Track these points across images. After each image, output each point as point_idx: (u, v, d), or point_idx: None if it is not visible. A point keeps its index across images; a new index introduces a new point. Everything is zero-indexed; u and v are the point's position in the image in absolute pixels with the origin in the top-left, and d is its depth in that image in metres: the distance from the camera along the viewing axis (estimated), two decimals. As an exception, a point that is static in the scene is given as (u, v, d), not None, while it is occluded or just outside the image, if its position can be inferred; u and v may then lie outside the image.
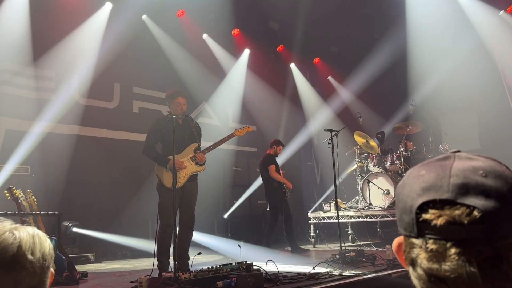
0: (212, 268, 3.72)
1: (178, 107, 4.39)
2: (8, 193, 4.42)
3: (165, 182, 4.28)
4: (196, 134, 4.49)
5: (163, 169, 4.28)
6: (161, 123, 4.44)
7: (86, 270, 4.99)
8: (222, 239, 8.37)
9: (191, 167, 4.38)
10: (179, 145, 4.31)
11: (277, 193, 6.99)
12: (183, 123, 4.47)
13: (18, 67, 6.91)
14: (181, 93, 4.45)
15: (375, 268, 4.67)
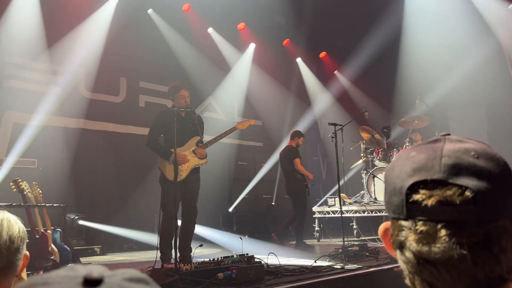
0: (214, 260, 3.75)
1: (181, 100, 4.40)
2: (14, 185, 4.48)
3: (167, 175, 4.30)
4: (198, 127, 4.51)
5: (166, 162, 4.30)
6: (164, 116, 4.45)
7: (91, 262, 5.05)
8: (227, 234, 8.41)
9: (193, 160, 4.39)
10: (182, 138, 4.32)
11: (300, 186, 7.01)
12: (186, 116, 4.48)
13: (25, 61, 6.97)
14: (184, 85, 4.46)
15: (377, 262, 4.67)
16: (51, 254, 4.40)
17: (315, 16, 9.88)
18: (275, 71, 10.64)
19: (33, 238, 4.44)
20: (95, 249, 6.77)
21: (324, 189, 11.15)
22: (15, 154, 6.52)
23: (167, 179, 4.31)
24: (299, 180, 7.06)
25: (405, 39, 10.03)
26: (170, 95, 4.53)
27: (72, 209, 6.72)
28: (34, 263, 4.38)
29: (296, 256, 5.36)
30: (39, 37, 7.04)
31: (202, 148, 4.43)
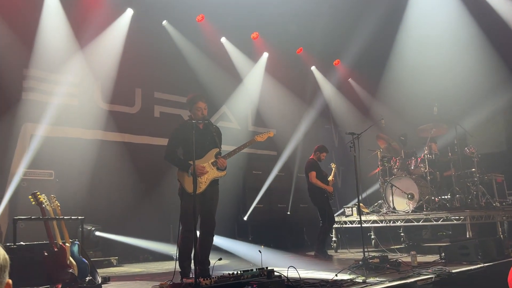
0: (233, 274, 3.68)
1: (198, 112, 4.37)
2: (33, 198, 4.49)
3: (186, 187, 4.26)
4: (217, 138, 4.47)
5: (185, 174, 4.27)
6: (182, 128, 4.42)
7: (108, 274, 5.03)
8: (243, 243, 8.35)
9: (212, 173, 4.36)
10: (200, 150, 4.28)
11: (322, 198, 7.01)
12: (204, 127, 4.46)
13: (42, 74, 7.06)
14: (202, 97, 4.42)
15: (400, 275, 4.54)
16: (69, 267, 4.38)
17: (328, 24, 9.83)
18: (288, 80, 10.62)
19: (51, 251, 4.43)
20: (111, 260, 6.75)
21: (340, 198, 11.03)
22: (33, 166, 6.58)
23: (186, 192, 4.27)
24: (318, 193, 7.05)
25: (421, 45, 9.91)
26: (187, 107, 4.50)
27: (88, 220, 6.73)
28: (52, 276, 4.37)
29: (316, 268, 5.26)
30: (56, 50, 7.13)
31: (222, 160, 4.38)
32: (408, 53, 10.04)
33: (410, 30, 9.74)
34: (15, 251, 4.49)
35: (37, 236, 5.42)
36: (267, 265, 4.00)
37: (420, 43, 9.88)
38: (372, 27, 9.96)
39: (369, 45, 10.46)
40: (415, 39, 9.83)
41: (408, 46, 9.98)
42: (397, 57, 10.24)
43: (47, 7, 7.13)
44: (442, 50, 9.82)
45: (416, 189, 7.31)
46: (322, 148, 7.27)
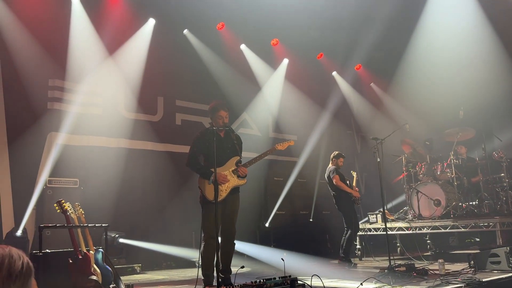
0: (256, 282, 3.63)
1: (220, 120, 4.38)
2: (58, 206, 4.56)
3: (207, 194, 4.26)
4: (237, 146, 4.47)
5: (206, 181, 4.27)
6: (203, 135, 4.43)
7: (132, 282, 5.05)
8: (265, 248, 8.31)
9: (233, 181, 4.35)
10: (221, 158, 4.28)
11: (348, 203, 6.97)
12: (225, 135, 4.47)
13: (67, 84, 7.22)
14: (223, 106, 4.43)
15: (427, 284, 4.41)
16: (93, 275, 4.42)
17: (349, 28, 9.74)
18: (309, 86, 10.56)
19: (76, 259, 4.48)
20: (135, 267, 6.80)
21: (363, 205, 10.83)
22: (58, 174, 6.71)
23: (207, 199, 4.27)
24: (344, 198, 6.98)
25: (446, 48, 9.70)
26: (209, 114, 4.52)
27: (112, 227, 6.80)
28: (76, 283, 4.42)
29: (340, 277, 5.16)
30: (81, 61, 7.30)
31: (243, 168, 4.37)
32: (432, 57, 9.84)
33: (433, 33, 9.56)
34: (41, 259, 4.56)
35: (62, 243, 5.52)
36: (290, 273, 3.93)
37: (444, 46, 9.68)
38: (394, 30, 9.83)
39: (391, 49, 10.33)
40: (439, 42, 9.63)
41: (432, 49, 9.78)
42: (421, 61, 10.03)
43: (73, 19, 7.32)
44: (468, 52, 9.59)
45: (443, 195, 7.12)
46: (338, 154, 7.33)
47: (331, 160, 7.33)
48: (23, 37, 6.73)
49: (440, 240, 8.43)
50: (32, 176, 6.67)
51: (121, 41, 7.84)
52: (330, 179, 7.08)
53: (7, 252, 1.04)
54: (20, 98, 6.68)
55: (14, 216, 6.37)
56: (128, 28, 7.96)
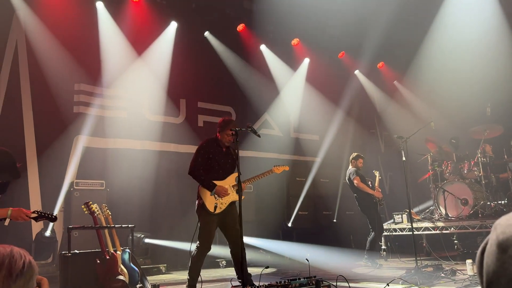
0: (281, 283, 3.64)
1: (228, 137, 4.45)
2: (85, 207, 4.67)
3: (207, 204, 4.34)
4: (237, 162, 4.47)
5: (207, 193, 4.36)
6: (207, 146, 4.52)
7: (157, 281, 5.11)
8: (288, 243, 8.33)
9: (233, 196, 4.46)
10: (222, 172, 4.44)
11: (371, 204, 6.90)
12: (226, 151, 4.57)
13: (92, 88, 7.38)
14: (235, 124, 4.47)
15: (455, 284, 4.32)
16: (120, 275, 4.50)
17: (370, 25, 9.63)
18: (331, 85, 10.48)
19: (103, 259, 4.58)
20: (160, 267, 6.89)
21: (388, 205, 10.67)
22: (85, 176, 6.87)
23: (207, 209, 4.33)
24: (367, 198, 6.91)
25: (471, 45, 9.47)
26: (218, 127, 4.58)
27: (138, 228, 6.91)
28: (104, 283, 4.51)
29: (366, 278, 5.10)
30: (105, 65, 7.46)
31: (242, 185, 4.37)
32: (457, 52, 9.62)
33: (456, 27, 9.34)
34: (70, 259, 4.67)
35: (89, 244, 5.64)
36: (314, 273, 3.92)
37: (469, 41, 9.45)
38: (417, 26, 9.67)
39: (415, 46, 10.15)
40: (463, 36, 9.41)
41: (457, 44, 9.56)
42: (445, 57, 9.82)
43: (97, 25, 7.49)
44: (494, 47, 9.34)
45: (470, 194, 6.96)
46: (357, 156, 7.26)
47: (351, 161, 7.27)
48: (49, 43, 6.92)
49: (468, 240, 8.23)
50: (60, 178, 6.84)
51: (145, 45, 7.98)
52: (351, 181, 7.02)
53: (9, 252, 1.06)
54: (47, 102, 6.86)
55: (43, 218, 6.53)
56: (152, 32, 8.10)
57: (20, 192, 6.44)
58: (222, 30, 8.99)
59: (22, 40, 6.82)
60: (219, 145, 4.46)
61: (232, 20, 9.12)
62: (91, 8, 7.46)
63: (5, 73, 6.61)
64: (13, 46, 6.75)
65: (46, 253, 6.09)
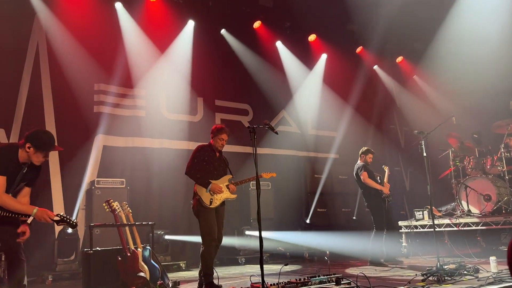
0: (300, 280, 3.63)
1: (220, 142, 4.86)
2: (107, 205, 4.74)
3: (204, 199, 4.62)
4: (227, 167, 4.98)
5: (203, 189, 4.68)
6: (203, 150, 4.88)
7: (177, 278, 5.16)
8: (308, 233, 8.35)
9: (226, 194, 4.81)
10: (217, 173, 4.83)
11: (378, 200, 6.72)
12: (219, 156, 4.96)
13: (112, 88, 7.49)
14: (226, 131, 4.89)
15: (479, 282, 4.24)
16: (141, 272, 4.55)
17: (389, 19, 9.49)
18: (349, 80, 10.37)
19: (124, 256, 4.64)
20: (180, 264, 6.95)
21: (408, 201, 10.54)
22: (105, 175, 6.98)
23: (204, 205, 4.61)
24: (373, 195, 6.72)
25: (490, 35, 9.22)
26: (212, 134, 4.92)
27: (158, 226, 6.99)
28: (125, 280, 4.57)
29: (387, 275, 5.04)
30: (124, 65, 7.56)
31: (234, 185, 4.86)
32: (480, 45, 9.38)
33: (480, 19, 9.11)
34: (92, 256, 4.75)
35: (110, 241, 5.73)
36: (334, 271, 3.89)
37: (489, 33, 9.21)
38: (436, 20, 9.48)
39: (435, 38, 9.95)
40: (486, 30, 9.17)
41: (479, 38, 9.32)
42: (468, 50, 9.57)
43: (118, 25, 7.59)
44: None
45: (493, 189, 6.81)
46: (366, 150, 7.01)
47: (360, 156, 7.02)
48: (69, 44, 7.04)
49: (491, 237, 8.06)
50: (81, 177, 6.96)
51: (163, 44, 8.05)
52: (358, 176, 6.83)
53: None
54: (68, 102, 6.99)
55: (65, 216, 6.66)
56: (169, 31, 8.17)
57: (43, 190, 6.59)
58: (238, 28, 9.00)
59: (43, 42, 6.96)
60: (213, 150, 4.85)
61: (248, 18, 9.10)
62: (109, 8, 7.56)
63: (27, 74, 6.76)
64: (34, 47, 6.90)
65: (69, 250, 6.21)
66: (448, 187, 7.99)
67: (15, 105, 6.60)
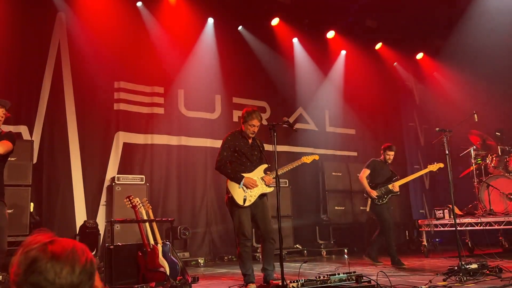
0: (320, 278, 3.62)
1: (251, 128, 4.39)
2: (128, 201, 4.80)
3: (236, 198, 4.30)
4: (263, 153, 4.52)
5: (236, 186, 4.33)
6: (232, 139, 4.47)
7: (196, 274, 5.20)
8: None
9: (261, 187, 4.39)
10: (250, 164, 4.40)
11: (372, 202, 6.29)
12: (252, 142, 4.51)
13: (132, 86, 7.58)
14: (259, 115, 4.42)
15: (502, 282, 4.15)
16: (161, 267, 4.60)
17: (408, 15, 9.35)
18: (368, 77, 10.26)
19: (144, 252, 4.70)
20: (199, 260, 7.00)
21: (427, 199, 10.40)
22: (125, 171, 7.08)
23: (237, 203, 4.31)
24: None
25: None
26: (242, 119, 4.47)
27: (176, 222, 7.07)
28: (146, 275, 4.63)
29: (407, 274, 4.99)
30: (143, 62, 7.63)
31: (270, 176, 4.41)
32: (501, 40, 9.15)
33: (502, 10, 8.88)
34: (113, 251, 4.82)
35: (129, 237, 5.81)
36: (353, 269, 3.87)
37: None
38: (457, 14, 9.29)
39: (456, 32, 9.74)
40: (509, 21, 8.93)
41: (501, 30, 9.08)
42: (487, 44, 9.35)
43: (139, 24, 7.69)
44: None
45: (517, 188, 6.67)
46: (386, 147, 6.46)
47: (382, 152, 6.53)
48: (89, 42, 7.15)
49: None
50: (102, 173, 7.08)
51: (181, 42, 8.10)
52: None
53: (72, 247, 1.04)
54: (89, 100, 7.11)
55: (86, 211, 6.80)
56: (187, 29, 8.21)
57: (65, 186, 6.72)
58: (256, 25, 8.99)
59: (64, 40, 7.08)
60: (244, 137, 4.40)
61: (266, 14, 9.08)
62: (130, 6, 7.64)
63: (49, 72, 6.89)
64: (56, 45, 7.02)
65: (90, 245, 6.31)
66: (470, 186, 7.85)
67: (38, 102, 6.74)
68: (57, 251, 1.00)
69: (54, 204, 6.60)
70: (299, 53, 9.62)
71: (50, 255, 1.00)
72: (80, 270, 1.02)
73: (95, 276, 1.07)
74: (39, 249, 1.01)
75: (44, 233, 1.07)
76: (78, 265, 1.02)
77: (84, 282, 1.02)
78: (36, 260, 0.99)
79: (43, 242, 1.03)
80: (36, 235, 1.06)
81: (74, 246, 1.04)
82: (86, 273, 1.03)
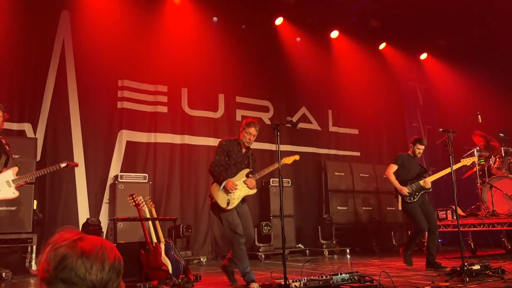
0: (322, 277, 3.62)
1: (248, 136, 4.52)
2: (131, 199, 4.81)
3: (220, 202, 4.37)
4: (252, 164, 4.62)
5: (217, 188, 4.40)
6: (227, 144, 4.60)
7: (199, 273, 5.21)
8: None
9: (244, 190, 4.49)
10: (236, 171, 4.50)
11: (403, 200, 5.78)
12: (245, 152, 4.63)
13: (135, 84, 7.60)
14: (256, 126, 4.55)
15: (505, 283, 4.14)
16: (164, 265, 4.61)
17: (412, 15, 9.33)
18: (371, 77, 10.25)
19: (147, 250, 4.71)
20: (201, 259, 7.02)
21: (430, 200, 10.35)
22: (128, 170, 7.10)
23: (220, 207, 4.38)
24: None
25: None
26: (241, 128, 4.61)
27: (179, 220, 7.08)
28: (149, 273, 4.65)
29: (409, 274, 4.98)
30: (147, 61, 7.64)
31: (252, 179, 4.51)
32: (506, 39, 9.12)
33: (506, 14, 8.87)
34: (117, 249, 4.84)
35: (132, 235, 5.83)
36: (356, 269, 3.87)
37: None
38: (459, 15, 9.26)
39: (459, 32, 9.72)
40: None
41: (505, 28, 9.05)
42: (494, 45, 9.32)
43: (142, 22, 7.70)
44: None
45: (521, 190, 6.65)
46: (416, 140, 5.99)
47: (410, 144, 6.07)
48: (93, 40, 7.18)
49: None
50: (105, 171, 7.10)
51: (184, 40, 8.11)
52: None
53: (100, 244, 1.05)
54: (92, 98, 7.14)
55: (89, 209, 6.82)
56: (191, 27, 8.23)
57: (68, 183, 6.74)
58: (260, 24, 9.00)
59: (69, 38, 7.11)
60: (239, 144, 4.55)
61: (270, 13, 9.08)
62: (133, 5, 7.65)
63: (53, 70, 6.91)
64: (60, 43, 7.05)
65: (93, 243, 6.33)
66: (473, 187, 7.83)
67: (42, 100, 6.77)
68: (86, 248, 1.01)
69: (57, 202, 6.63)
70: (302, 52, 9.62)
71: (80, 252, 1.00)
72: (109, 267, 1.02)
73: (121, 277, 1.08)
74: (69, 246, 1.01)
75: (71, 230, 1.07)
76: (108, 262, 1.02)
77: (113, 280, 1.03)
78: (66, 257, 0.99)
79: (72, 239, 1.03)
80: (63, 233, 1.06)
81: (103, 243, 1.05)
82: (115, 270, 1.03)
